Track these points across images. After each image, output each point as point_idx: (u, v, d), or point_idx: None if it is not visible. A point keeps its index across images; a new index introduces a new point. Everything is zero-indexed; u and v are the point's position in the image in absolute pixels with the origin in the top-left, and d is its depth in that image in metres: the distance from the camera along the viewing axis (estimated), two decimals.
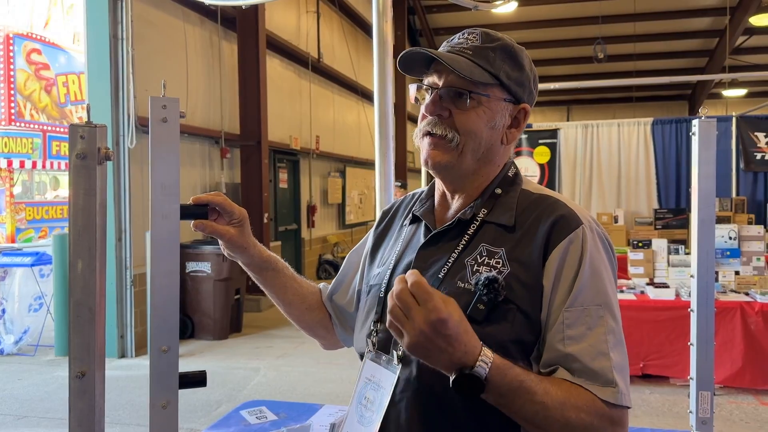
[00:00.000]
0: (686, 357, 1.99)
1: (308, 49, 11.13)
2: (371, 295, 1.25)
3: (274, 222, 9.96)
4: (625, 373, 1.05)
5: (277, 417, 2.21)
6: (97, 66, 6.30)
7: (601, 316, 1.05)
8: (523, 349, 1.06)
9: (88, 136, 0.92)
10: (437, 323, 0.92)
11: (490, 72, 1.13)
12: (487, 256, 1.10)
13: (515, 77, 1.16)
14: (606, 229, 1.20)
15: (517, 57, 1.17)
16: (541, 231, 1.09)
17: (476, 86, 1.13)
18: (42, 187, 13.33)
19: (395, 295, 0.93)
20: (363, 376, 1.18)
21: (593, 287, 1.06)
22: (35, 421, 4.61)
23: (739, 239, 5.59)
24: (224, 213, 1.28)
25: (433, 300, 0.92)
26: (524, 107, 1.18)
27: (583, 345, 1.03)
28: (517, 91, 1.17)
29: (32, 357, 6.36)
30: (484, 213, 1.15)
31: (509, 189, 1.18)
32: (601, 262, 1.09)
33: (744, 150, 7.74)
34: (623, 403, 1.02)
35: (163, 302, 1.11)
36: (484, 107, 1.14)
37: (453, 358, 0.94)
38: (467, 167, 1.16)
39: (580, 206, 1.17)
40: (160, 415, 1.10)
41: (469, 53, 1.14)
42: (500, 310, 1.05)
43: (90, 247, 0.92)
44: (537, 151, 8.30)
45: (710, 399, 1.92)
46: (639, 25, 14.04)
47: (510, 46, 1.17)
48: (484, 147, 1.16)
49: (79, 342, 0.93)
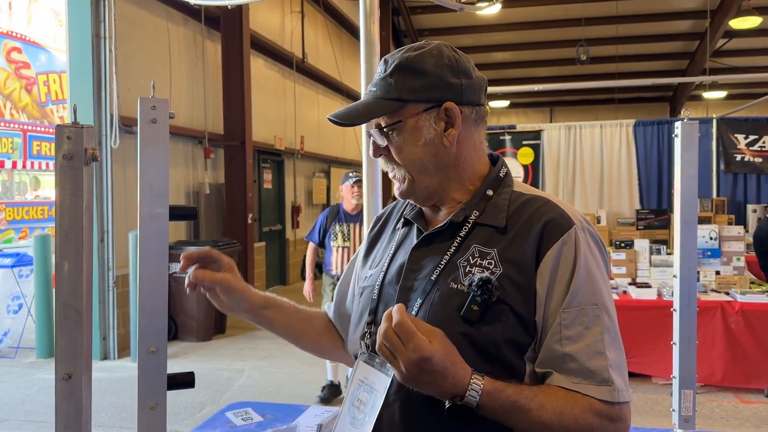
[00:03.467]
0: (668, 356, 2.02)
1: (293, 49, 11.10)
2: (364, 296, 1.26)
3: (258, 223, 9.91)
4: (622, 369, 1.07)
5: (263, 418, 2.20)
6: (79, 65, 6.24)
7: (597, 315, 1.07)
8: (517, 348, 1.07)
9: (74, 136, 0.91)
10: (420, 362, 0.96)
11: (392, 98, 1.14)
12: (479, 257, 1.11)
13: (420, 86, 1.13)
14: None
15: (416, 66, 1.14)
16: (533, 232, 1.10)
17: (389, 117, 1.15)
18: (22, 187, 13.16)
19: (380, 334, 0.98)
20: (356, 377, 1.18)
21: (589, 288, 1.08)
22: (16, 424, 4.55)
23: (719, 239, 5.65)
24: (213, 264, 1.32)
25: (414, 339, 0.96)
26: (447, 105, 1.14)
27: (580, 345, 1.05)
28: (431, 96, 1.14)
29: (12, 359, 6.27)
30: (476, 215, 1.16)
31: (500, 191, 1.19)
32: (594, 262, 1.11)
33: (724, 151, 7.84)
34: (621, 399, 1.04)
35: (152, 303, 1.11)
36: (406, 131, 1.15)
37: (443, 389, 0.99)
38: (428, 185, 1.18)
39: (572, 206, 1.18)
40: (149, 416, 1.10)
41: (374, 90, 1.17)
42: (493, 310, 1.05)
43: (77, 248, 0.92)
44: (521, 152, 8.35)
45: (692, 397, 1.94)
46: (621, 27, 14.15)
47: (405, 60, 1.15)
48: (429, 163, 1.16)
49: (65, 343, 0.92)
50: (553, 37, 15.11)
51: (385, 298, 1.19)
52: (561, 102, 20.76)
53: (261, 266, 9.71)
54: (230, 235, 8.48)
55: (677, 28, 14.83)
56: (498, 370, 1.04)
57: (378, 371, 1.13)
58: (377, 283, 1.22)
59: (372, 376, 1.14)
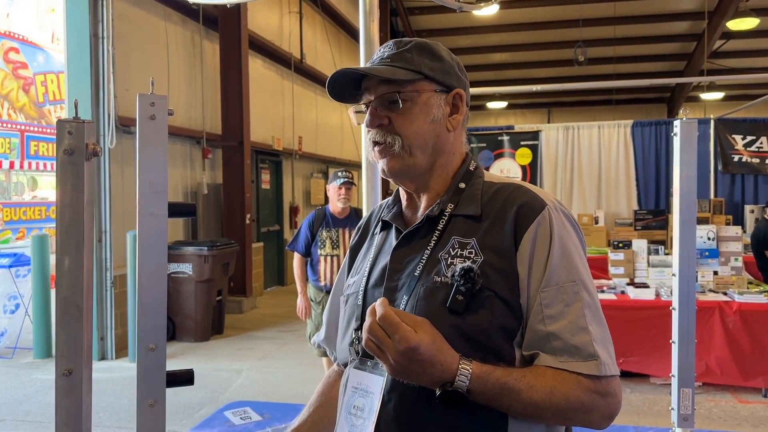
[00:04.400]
0: (666, 356, 2.02)
1: (291, 50, 11.10)
2: (349, 304, 1.26)
3: (256, 223, 9.91)
4: (606, 343, 1.08)
5: (262, 417, 2.20)
6: (77, 65, 6.23)
7: (576, 292, 1.08)
8: (506, 334, 1.07)
9: (75, 131, 0.91)
10: (408, 352, 0.97)
11: (411, 69, 1.17)
12: (459, 248, 1.12)
13: (437, 67, 1.19)
14: (586, 231, 1.22)
15: (433, 50, 1.21)
16: (508, 217, 1.12)
17: (404, 87, 1.17)
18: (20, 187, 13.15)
19: (366, 329, 0.99)
20: (349, 385, 1.18)
21: (565, 265, 1.09)
22: (13, 425, 4.54)
23: (717, 240, 5.67)
24: None
25: (399, 331, 0.97)
26: (457, 92, 1.21)
27: (563, 322, 1.06)
28: (444, 80, 1.19)
29: (10, 359, 6.26)
30: (451, 208, 1.17)
31: (472, 182, 1.21)
32: (569, 240, 1.12)
33: (722, 152, 7.86)
34: (608, 372, 1.05)
35: (151, 301, 1.11)
36: (418, 104, 1.17)
37: (432, 377, 1.00)
38: (422, 164, 1.19)
39: (543, 190, 1.20)
40: (148, 413, 1.09)
41: (388, 60, 1.20)
42: (479, 298, 1.06)
43: (78, 244, 0.91)
44: (519, 153, 8.36)
45: (691, 396, 1.95)
46: (619, 28, 14.18)
47: (423, 42, 1.21)
48: (431, 141, 1.18)
49: (66, 339, 0.91)
50: (550, 38, 15.13)
51: (370, 301, 1.19)
52: (559, 103, 20.79)
53: (259, 267, 9.70)
54: (228, 236, 8.47)
55: (675, 29, 14.87)
56: (489, 358, 1.05)
57: (371, 374, 1.13)
58: (360, 288, 1.22)
59: (366, 381, 1.14)
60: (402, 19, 15.09)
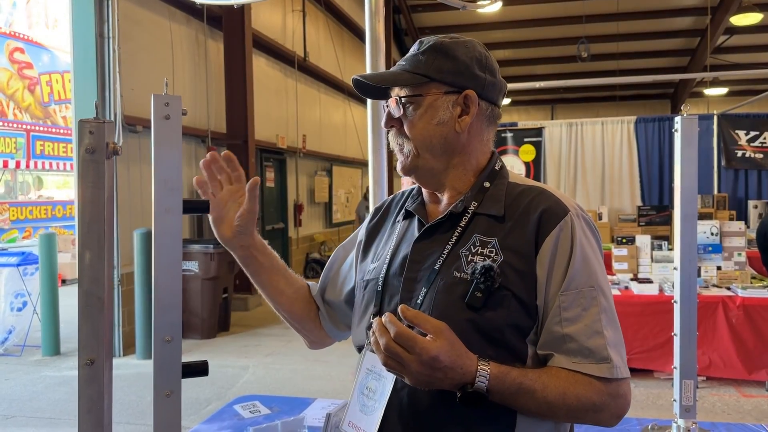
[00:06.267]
0: (669, 350, 2.05)
1: (294, 48, 11.13)
2: (368, 289, 1.28)
3: (261, 221, 9.96)
4: (619, 348, 1.12)
5: (270, 410, 2.24)
6: (83, 65, 6.28)
7: (594, 297, 1.12)
8: (520, 332, 1.11)
9: (96, 131, 0.95)
10: (430, 362, 1.00)
11: (419, 73, 1.19)
12: (480, 246, 1.15)
13: (449, 68, 1.19)
14: None
15: (448, 50, 1.21)
16: (531, 221, 1.14)
17: (412, 91, 1.20)
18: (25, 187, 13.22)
19: (384, 348, 1.01)
20: (363, 367, 1.22)
21: (585, 271, 1.13)
22: (24, 421, 4.60)
23: (720, 235, 5.68)
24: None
25: (418, 344, 1.00)
26: (467, 93, 1.20)
27: (579, 326, 1.09)
28: (455, 81, 1.20)
29: (19, 357, 6.32)
30: (475, 206, 1.20)
31: (497, 182, 1.23)
32: (589, 247, 1.16)
33: (725, 147, 7.87)
34: (619, 375, 1.09)
35: (167, 294, 1.14)
36: (423, 107, 1.20)
37: (454, 381, 1.03)
38: (432, 165, 1.22)
39: (566, 195, 1.23)
40: (165, 403, 1.13)
41: (403, 64, 1.23)
42: (496, 296, 1.10)
43: (99, 239, 0.95)
44: (522, 150, 8.38)
45: (693, 387, 1.98)
46: (622, 24, 14.18)
47: (440, 43, 1.22)
48: (438, 143, 1.21)
49: (88, 330, 0.96)
50: (553, 35, 15.14)
51: (389, 289, 1.23)
52: (562, 99, 20.79)
53: None
54: None
55: (678, 24, 14.86)
56: (502, 354, 1.09)
57: None
58: (381, 275, 1.25)
59: (380, 365, 1.18)
60: (405, 16, 15.11)
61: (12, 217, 11.49)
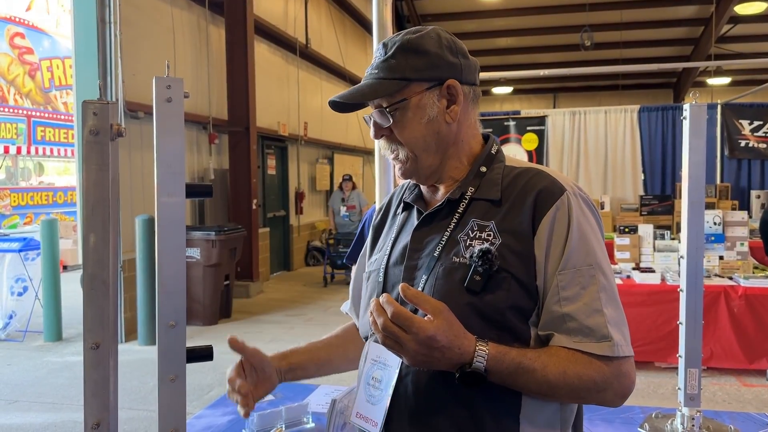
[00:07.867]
0: (672, 340, 2.05)
1: (296, 35, 11.08)
2: (371, 280, 1.30)
3: (262, 208, 9.95)
4: (621, 325, 1.10)
5: (274, 397, 2.24)
6: (84, 50, 6.25)
7: (593, 275, 1.10)
8: (521, 314, 1.10)
9: (100, 112, 0.94)
10: (427, 341, 1.00)
11: (396, 78, 1.17)
12: (478, 230, 1.14)
13: (423, 64, 1.17)
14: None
15: (418, 46, 1.18)
16: (527, 202, 1.14)
17: (393, 97, 1.17)
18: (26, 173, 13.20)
19: (381, 328, 1.01)
20: (369, 357, 1.23)
21: (583, 249, 1.11)
22: (27, 406, 4.62)
23: (723, 225, 5.67)
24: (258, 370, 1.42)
25: (414, 323, 1.00)
26: (449, 83, 1.18)
27: (578, 304, 1.08)
28: (433, 75, 1.18)
29: (21, 342, 6.34)
30: (472, 191, 1.20)
31: (494, 166, 1.23)
32: (587, 225, 1.14)
33: (729, 137, 7.84)
34: (621, 353, 1.08)
35: (171, 280, 1.13)
36: (410, 110, 1.18)
37: (452, 361, 1.03)
38: (430, 164, 1.21)
39: (563, 174, 1.22)
40: (169, 388, 1.13)
41: (376, 72, 1.19)
42: (496, 279, 1.09)
43: (103, 222, 0.94)
44: (525, 138, 8.36)
45: (698, 376, 1.97)
46: (625, 12, 14.09)
47: (406, 42, 1.18)
48: (432, 141, 1.20)
49: (93, 314, 0.95)
50: (556, 23, 15.04)
51: (391, 279, 1.23)
52: (565, 88, 20.70)
53: (265, 252, 9.74)
54: (235, 221, 8.51)
55: (682, 13, 14.75)
56: (505, 336, 1.08)
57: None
58: (382, 266, 1.26)
59: (384, 354, 1.18)
60: (407, 3, 15.01)
61: (13, 203, 11.48)
